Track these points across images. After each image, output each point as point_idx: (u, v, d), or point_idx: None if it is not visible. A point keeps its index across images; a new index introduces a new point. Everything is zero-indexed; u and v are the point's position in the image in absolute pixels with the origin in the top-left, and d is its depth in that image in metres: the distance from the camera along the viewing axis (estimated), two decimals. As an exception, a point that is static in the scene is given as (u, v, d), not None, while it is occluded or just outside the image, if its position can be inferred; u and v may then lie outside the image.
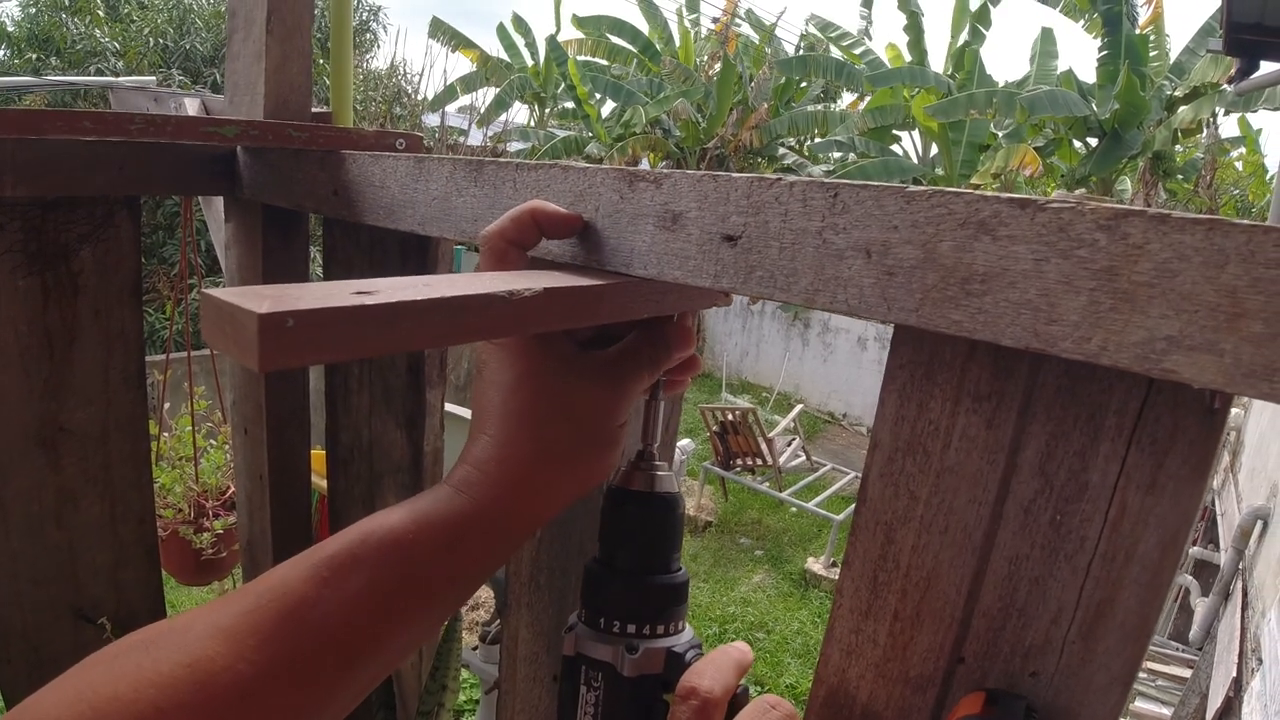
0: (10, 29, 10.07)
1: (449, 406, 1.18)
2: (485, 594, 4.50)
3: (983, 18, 11.76)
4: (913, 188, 0.39)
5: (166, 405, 2.04)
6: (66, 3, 10.03)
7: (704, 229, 0.48)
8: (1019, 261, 0.36)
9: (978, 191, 0.37)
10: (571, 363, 0.50)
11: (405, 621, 0.45)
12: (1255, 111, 9.94)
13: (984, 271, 0.37)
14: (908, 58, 12.50)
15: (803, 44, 14.65)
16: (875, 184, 0.40)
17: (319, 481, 1.21)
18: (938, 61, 12.78)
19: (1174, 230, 0.32)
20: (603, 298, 0.48)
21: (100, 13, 10.13)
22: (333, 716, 0.43)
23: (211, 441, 2.17)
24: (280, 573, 0.43)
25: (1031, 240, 0.36)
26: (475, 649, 3.11)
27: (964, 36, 12.02)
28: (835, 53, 12.67)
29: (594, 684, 0.53)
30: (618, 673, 0.52)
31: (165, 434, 2.16)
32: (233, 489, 2.05)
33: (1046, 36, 11.99)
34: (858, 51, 12.34)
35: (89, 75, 9.01)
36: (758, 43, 13.84)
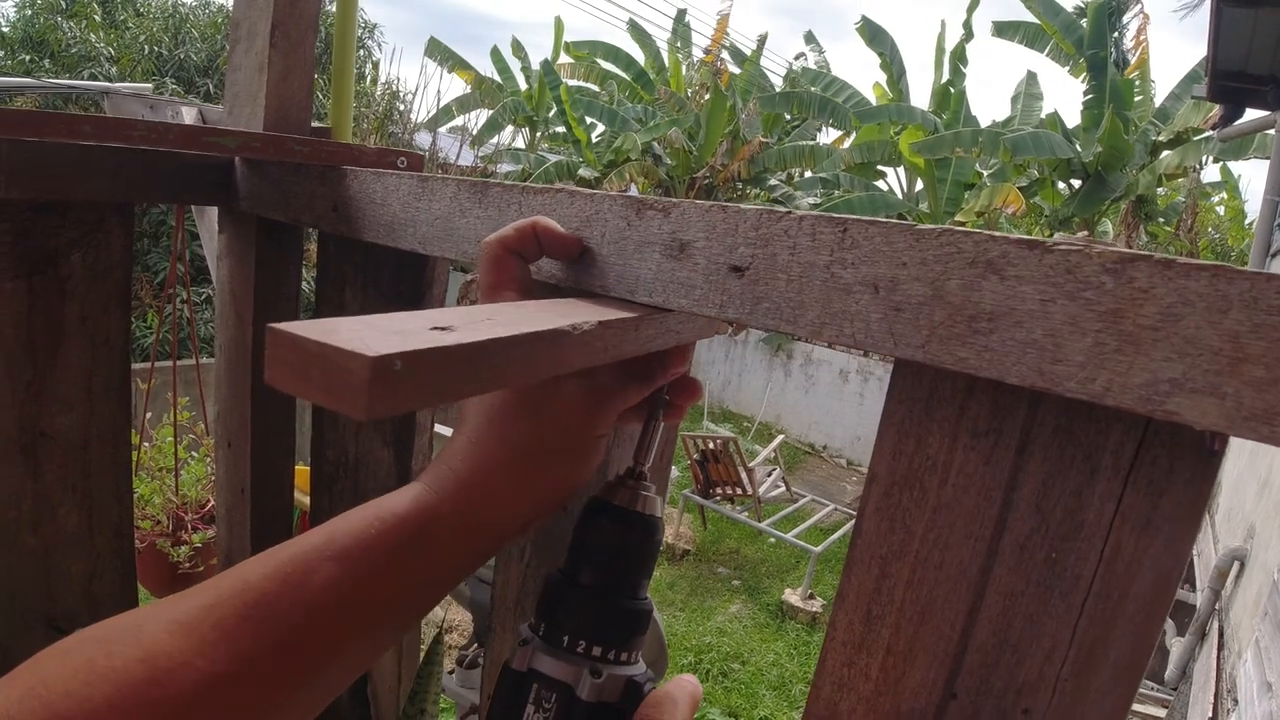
0: (4, 30, 10.04)
1: (438, 427, 1.17)
2: (463, 616, 4.45)
3: (961, 55, 11.94)
4: (922, 225, 0.39)
5: (148, 415, 2.02)
6: (63, 6, 10.02)
7: (711, 259, 0.48)
8: (1026, 301, 0.37)
9: (986, 231, 0.38)
10: None
11: (369, 623, 0.44)
12: (1246, 159, 10.13)
13: (991, 310, 0.38)
14: (892, 96, 12.67)
15: (787, 81, 14.82)
16: (884, 220, 0.41)
17: (301, 498, 1.20)
18: (922, 99, 12.98)
19: (1179, 276, 0.33)
20: (639, 329, 0.48)
21: (96, 18, 10.12)
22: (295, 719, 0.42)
23: (193, 453, 2.14)
24: (242, 570, 0.42)
25: (1039, 281, 0.36)
26: (451, 673, 3.07)
27: (945, 74, 12.20)
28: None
29: (545, 704, 0.49)
30: (575, 695, 0.48)
31: (146, 444, 2.13)
32: (213, 502, 2.02)
33: (1031, 80, 12.22)
34: (841, 99, 12.47)
35: (82, 79, 8.98)
36: (740, 72, 14.00)
